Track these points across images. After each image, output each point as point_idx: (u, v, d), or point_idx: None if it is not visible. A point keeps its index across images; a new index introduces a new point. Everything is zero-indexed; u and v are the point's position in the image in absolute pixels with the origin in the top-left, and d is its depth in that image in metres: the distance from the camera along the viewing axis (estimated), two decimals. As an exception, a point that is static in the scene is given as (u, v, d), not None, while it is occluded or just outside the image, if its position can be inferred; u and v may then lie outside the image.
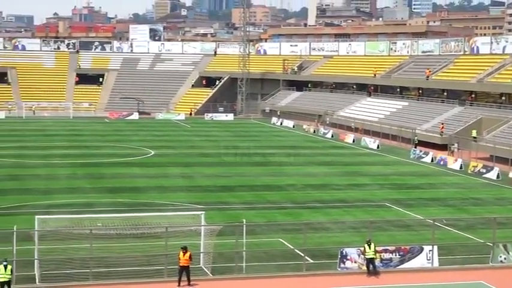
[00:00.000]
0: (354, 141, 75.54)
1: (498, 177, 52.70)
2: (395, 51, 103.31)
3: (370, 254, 27.52)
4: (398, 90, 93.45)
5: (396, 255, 28.76)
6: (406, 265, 28.75)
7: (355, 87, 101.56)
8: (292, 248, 31.22)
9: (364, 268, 27.96)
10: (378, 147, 70.46)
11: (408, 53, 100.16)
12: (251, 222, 34.08)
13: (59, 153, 62.20)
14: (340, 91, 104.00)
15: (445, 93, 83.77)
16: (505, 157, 58.07)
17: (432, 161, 61.59)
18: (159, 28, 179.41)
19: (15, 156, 59.95)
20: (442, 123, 72.97)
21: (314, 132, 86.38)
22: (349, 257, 28.28)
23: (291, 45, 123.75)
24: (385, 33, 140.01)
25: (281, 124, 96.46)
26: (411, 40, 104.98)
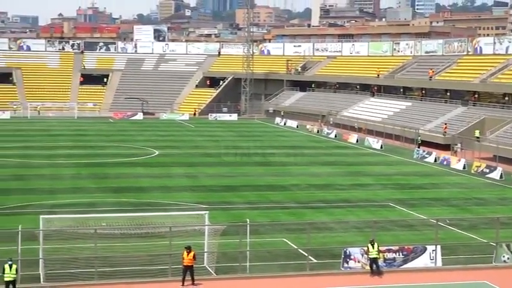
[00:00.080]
0: (358, 141, 75.56)
1: (501, 177, 52.67)
2: (398, 51, 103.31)
3: (374, 253, 27.60)
4: (401, 90, 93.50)
5: (399, 255, 28.81)
6: (410, 265, 28.80)
7: (358, 87, 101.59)
8: (296, 247, 31.26)
9: (368, 268, 28.02)
10: (381, 147, 70.51)
11: (411, 53, 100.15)
12: (255, 222, 34.21)
13: (64, 153, 62.38)
14: (344, 91, 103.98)
15: (448, 94, 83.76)
16: (508, 157, 58.17)
17: (435, 161, 61.63)
18: (163, 29, 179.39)
19: (20, 156, 60.12)
20: (445, 124, 72.98)
21: (317, 132, 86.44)
22: (352, 257, 28.36)
23: (294, 46, 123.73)
24: (388, 33, 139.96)
25: (285, 124, 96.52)
26: (414, 40, 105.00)
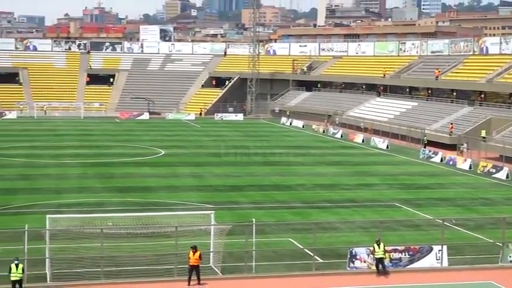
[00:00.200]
0: (363, 141, 75.51)
1: (507, 177, 52.57)
2: (404, 51, 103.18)
3: (380, 253, 27.59)
4: (407, 90, 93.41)
5: (405, 255, 28.80)
6: (416, 265, 28.79)
7: (364, 87, 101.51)
8: (302, 247, 31.26)
9: (374, 268, 28.02)
10: (387, 147, 70.44)
11: (417, 53, 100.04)
12: (261, 222, 34.24)
13: (70, 153, 62.51)
14: (350, 91, 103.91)
15: (455, 94, 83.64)
16: (514, 157, 58.04)
17: (441, 161, 61.54)
18: (169, 29, 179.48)
19: (27, 155, 60.24)
20: (452, 123, 72.87)
21: (323, 132, 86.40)
22: (358, 257, 28.35)
23: (300, 46, 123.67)
24: (394, 33, 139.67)
25: (290, 124, 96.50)
26: (420, 40, 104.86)
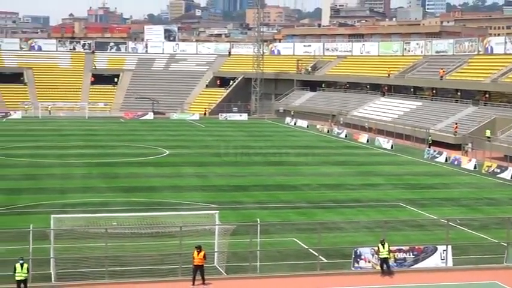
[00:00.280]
0: (368, 141, 75.48)
1: (513, 177, 52.59)
2: (409, 51, 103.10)
3: (384, 253, 27.57)
4: (412, 90, 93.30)
5: (410, 255, 28.78)
6: (420, 265, 28.77)
7: (368, 87, 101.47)
8: (306, 247, 31.27)
9: (378, 268, 28.00)
10: (392, 147, 70.37)
11: (422, 53, 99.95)
12: (265, 222, 34.21)
13: (75, 153, 62.60)
14: (354, 91, 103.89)
15: (459, 93, 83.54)
16: (519, 157, 57.90)
17: (446, 161, 61.46)
18: (173, 29, 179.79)
19: (31, 155, 60.32)
20: (456, 123, 72.79)
21: (328, 132, 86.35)
22: (363, 257, 28.35)
23: (304, 46, 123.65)
24: (398, 33, 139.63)
25: (295, 124, 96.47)
26: (425, 40, 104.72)
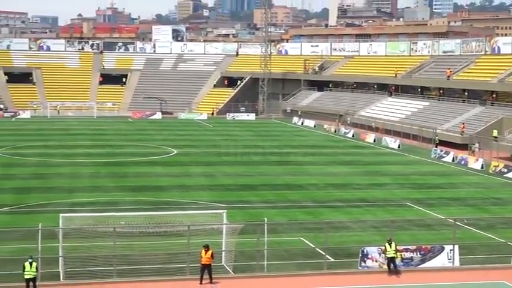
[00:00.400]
0: (375, 141, 75.49)
1: (520, 177, 52.57)
2: (416, 51, 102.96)
3: (391, 253, 27.64)
4: (419, 90, 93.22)
5: (417, 255, 28.83)
6: (427, 264, 28.82)
7: (376, 87, 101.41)
8: (313, 246, 31.34)
9: (385, 267, 28.07)
10: (399, 147, 70.38)
11: (429, 53, 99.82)
12: (272, 221, 34.33)
13: (83, 152, 62.81)
14: (361, 91, 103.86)
15: (466, 93, 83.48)
16: (527, 157, 57.90)
17: (453, 160, 61.45)
18: (181, 29, 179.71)
19: (40, 155, 60.54)
20: (463, 123, 72.75)
21: (335, 132, 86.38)
22: (370, 256, 28.42)
23: (312, 46, 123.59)
24: (406, 33, 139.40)
25: (302, 124, 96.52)
26: (432, 40, 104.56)
